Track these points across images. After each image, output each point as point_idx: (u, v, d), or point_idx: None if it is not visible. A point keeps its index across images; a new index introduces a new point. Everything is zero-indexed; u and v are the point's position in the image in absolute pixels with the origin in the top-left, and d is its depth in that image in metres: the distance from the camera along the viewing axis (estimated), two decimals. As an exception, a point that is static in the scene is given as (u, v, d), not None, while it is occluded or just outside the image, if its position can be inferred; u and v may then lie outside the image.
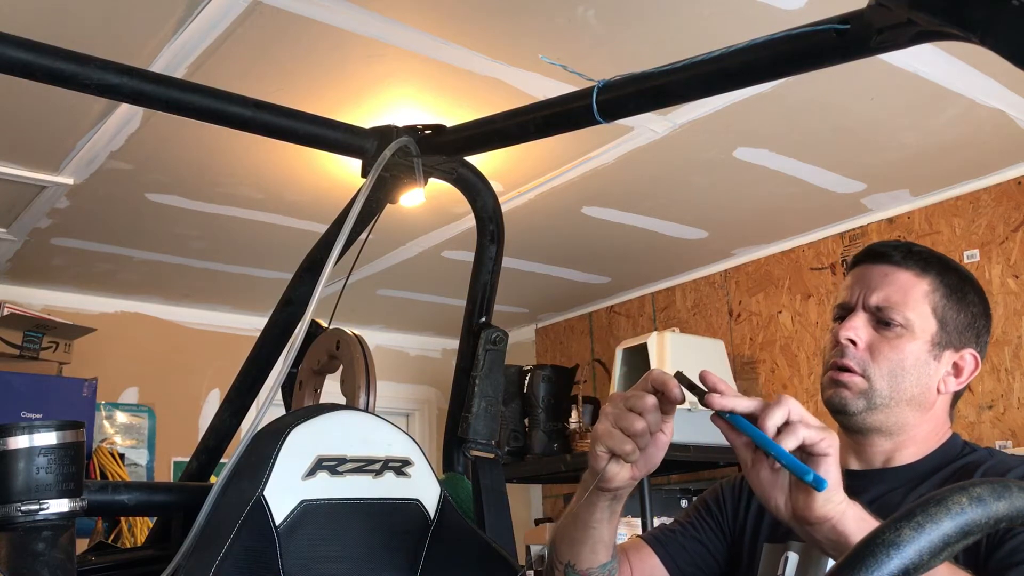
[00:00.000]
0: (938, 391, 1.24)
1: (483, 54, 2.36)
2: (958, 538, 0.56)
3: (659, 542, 1.31)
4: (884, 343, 1.23)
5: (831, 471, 0.91)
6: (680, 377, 0.99)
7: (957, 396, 1.29)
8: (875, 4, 0.86)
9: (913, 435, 1.24)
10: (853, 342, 1.23)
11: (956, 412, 1.31)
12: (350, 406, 1.44)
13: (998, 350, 3.18)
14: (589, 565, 1.13)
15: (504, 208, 1.57)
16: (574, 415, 3.99)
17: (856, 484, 1.25)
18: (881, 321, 1.23)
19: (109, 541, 2.98)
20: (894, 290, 1.24)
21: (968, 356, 1.26)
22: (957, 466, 1.21)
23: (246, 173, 3.03)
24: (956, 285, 1.26)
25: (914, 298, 1.23)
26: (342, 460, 1.16)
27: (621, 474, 1.03)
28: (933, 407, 1.25)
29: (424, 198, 2.85)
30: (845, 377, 1.23)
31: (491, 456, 1.45)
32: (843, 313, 1.27)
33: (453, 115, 2.50)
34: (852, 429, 1.26)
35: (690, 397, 0.98)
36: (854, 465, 1.28)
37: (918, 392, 1.23)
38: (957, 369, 1.25)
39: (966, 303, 1.26)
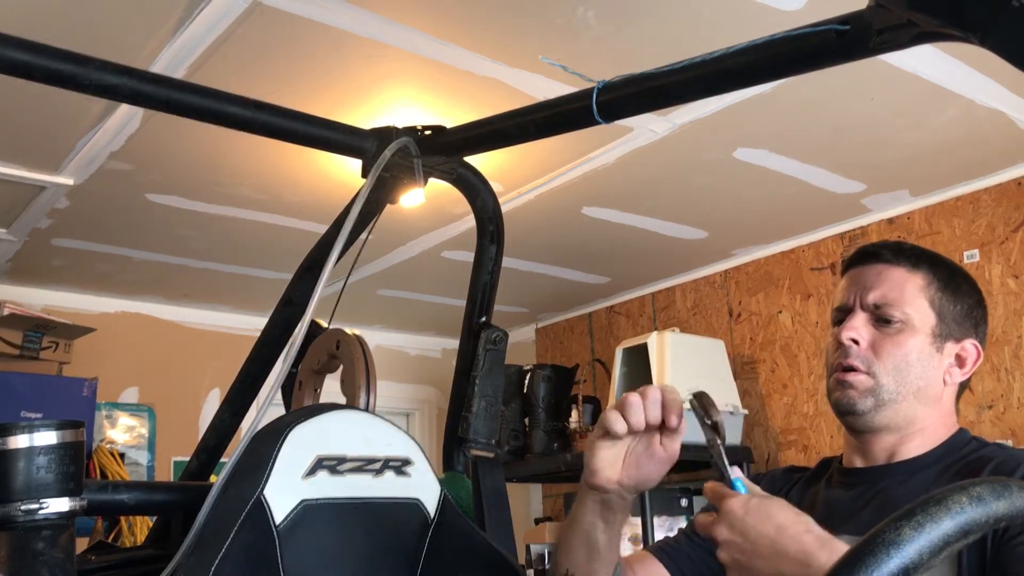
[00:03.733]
0: (944, 383, 1.25)
1: (483, 55, 2.36)
2: (958, 537, 0.56)
3: (664, 553, 1.31)
4: (886, 340, 1.23)
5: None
6: (699, 399, 1.06)
7: (962, 388, 1.30)
8: (875, 5, 0.87)
9: (920, 428, 1.24)
10: (856, 341, 1.24)
11: (957, 411, 1.31)
12: (350, 406, 1.44)
13: (998, 350, 3.18)
14: (587, 574, 1.14)
15: (504, 208, 1.57)
16: (574, 415, 3.99)
17: (861, 480, 1.26)
18: (881, 319, 1.24)
19: (109, 540, 2.97)
20: (890, 287, 1.25)
21: (969, 346, 1.26)
22: (966, 461, 1.20)
23: (246, 173, 3.03)
24: (948, 278, 1.27)
25: (910, 293, 1.24)
26: (342, 460, 1.16)
27: (606, 468, 1.08)
28: (940, 400, 1.25)
29: (424, 198, 2.85)
30: (850, 377, 1.24)
31: (491, 456, 1.46)
32: (841, 316, 1.28)
33: (453, 115, 2.50)
34: (861, 429, 1.26)
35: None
36: (859, 463, 1.28)
37: (924, 385, 1.23)
38: (960, 360, 1.26)
39: (961, 294, 1.27)
